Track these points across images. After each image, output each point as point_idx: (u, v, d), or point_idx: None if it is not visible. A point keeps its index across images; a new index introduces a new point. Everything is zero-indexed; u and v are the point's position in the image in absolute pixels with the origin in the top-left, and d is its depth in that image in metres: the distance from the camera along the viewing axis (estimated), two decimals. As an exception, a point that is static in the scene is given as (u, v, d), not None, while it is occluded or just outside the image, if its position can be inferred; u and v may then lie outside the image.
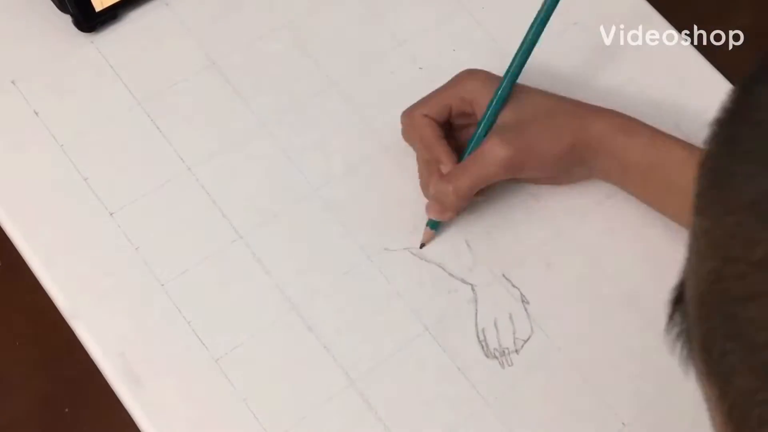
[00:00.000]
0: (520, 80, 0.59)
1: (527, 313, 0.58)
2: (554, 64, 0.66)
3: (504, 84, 0.58)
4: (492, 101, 0.57)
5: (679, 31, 0.68)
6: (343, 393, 0.55)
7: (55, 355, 0.57)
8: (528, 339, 0.57)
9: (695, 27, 0.70)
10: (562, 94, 0.65)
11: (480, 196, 0.59)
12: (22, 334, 0.58)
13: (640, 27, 0.68)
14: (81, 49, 0.63)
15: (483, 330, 0.58)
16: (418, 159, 0.59)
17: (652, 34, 0.68)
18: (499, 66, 0.65)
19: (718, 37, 0.70)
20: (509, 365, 0.57)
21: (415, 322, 0.57)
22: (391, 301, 0.58)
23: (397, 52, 0.65)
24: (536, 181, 0.60)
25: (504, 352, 0.57)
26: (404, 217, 0.60)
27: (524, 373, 0.56)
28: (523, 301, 0.58)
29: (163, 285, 0.57)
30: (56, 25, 0.63)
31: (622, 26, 0.68)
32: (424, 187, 0.59)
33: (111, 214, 0.59)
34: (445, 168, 0.57)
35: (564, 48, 0.66)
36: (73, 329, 0.56)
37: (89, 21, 0.63)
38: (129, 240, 0.58)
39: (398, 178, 0.61)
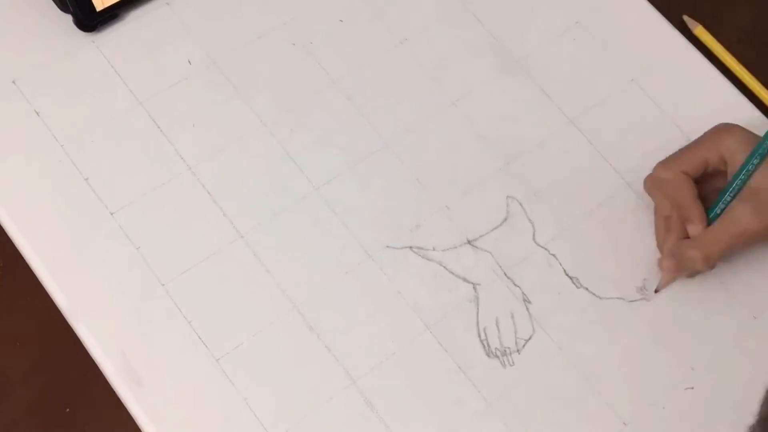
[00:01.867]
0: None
1: (529, 312, 0.58)
2: (554, 63, 0.66)
3: (763, 147, 0.56)
4: (748, 162, 0.57)
5: (680, 30, 0.68)
6: (344, 392, 0.55)
7: (55, 355, 0.57)
8: (529, 338, 0.57)
9: (696, 26, 0.70)
10: (561, 94, 0.65)
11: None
12: (22, 334, 0.58)
13: (641, 26, 0.68)
14: (82, 48, 0.63)
15: (484, 329, 0.58)
16: (656, 213, 0.59)
17: (653, 34, 0.68)
18: (499, 65, 0.65)
19: (718, 37, 0.70)
20: (510, 365, 0.57)
21: (417, 321, 0.57)
22: (392, 300, 0.58)
23: (398, 50, 0.65)
24: None
25: (505, 351, 0.57)
26: (405, 216, 0.60)
27: (525, 372, 0.57)
28: (524, 301, 0.58)
29: (163, 285, 0.57)
30: (57, 24, 0.63)
31: (622, 25, 0.68)
32: (661, 242, 0.59)
33: (111, 214, 0.59)
34: (694, 229, 0.57)
35: (564, 47, 0.67)
36: (73, 329, 0.56)
37: (90, 20, 0.63)
38: (129, 240, 0.58)
39: (399, 177, 0.61)
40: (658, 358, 0.58)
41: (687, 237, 0.58)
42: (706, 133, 0.59)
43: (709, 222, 0.58)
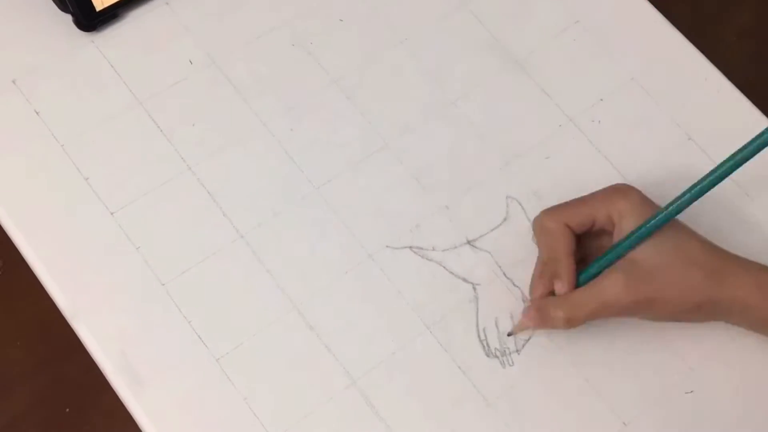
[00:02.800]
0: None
1: (528, 312, 0.58)
2: (554, 63, 0.66)
3: (654, 223, 0.53)
4: (633, 234, 0.54)
5: (680, 30, 0.68)
6: (344, 392, 0.55)
7: (55, 355, 0.57)
8: (529, 339, 0.57)
9: (696, 26, 0.70)
10: (561, 93, 0.65)
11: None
12: (22, 334, 0.58)
13: (641, 26, 0.68)
14: (82, 48, 0.63)
15: (484, 329, 0.58)
16: (538, 257, 0.57)
17: (653, 34, 0.68)
18: (499, 65, 0.65)
19: (718, 37, 0.70)
20: (510, 365, 0.57)
21: (417, 321, 0.57)
22: (392, 301, 0.58)
23: (398, 49, 0.65)
24: (648, 319, 0.57)
25: (505, 351, 0.57)
26: (405, 216, 0.60)
27: (525, 372, 0.57)
28: (524, 301, 0.58)
29: (163, 284, 0.57)
30: (57, 24, 0.63)
31: (622, 25, 0.68)
32: (532, 287, 0.57)
33: (112, 214, 0.59)
34: (560, 287, 0.55)
35: (564, 47, 0.67)
36: (73, 329, 0.56)
37: (90, 20, 0.63)
38: (130, 240, 0.58)
39: (399, 177, 0.61)
40: (658, 358, 0.58)
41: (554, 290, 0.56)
42: (601, 189, 0.57)
43: (581, 282, 0.55)
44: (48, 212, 0.58)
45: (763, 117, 0.65)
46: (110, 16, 0.64)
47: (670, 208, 0.53)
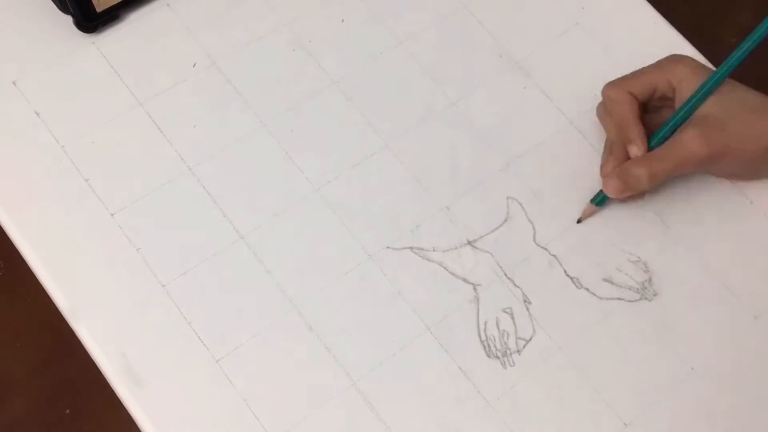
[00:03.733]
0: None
1: (529, 313, 0.58)
2: (554, 64, 0.66)
3: (717, 77, 0.57)
4: (699, 91, 0.57)
5: (680, 30, 0.68)
6: (344, 393, 0.55)
7: (55, 355, 0.57)
8: (530, 339, 0.57)
9: (696, 26, 0.70)
10: (561, 94, 0.65)
11: (642, 197, 0.60)
12: (22, 334, 0.58)
13: (641, 27, 0.68)
14: (82, 49, 0.63)
15: (485, 330, 0.58)
16: (606, 137, 0.60)
17: (653, 34, 0.68)
18: (499, 66, 0.65)
19: (718, 37, 0.70)
20: (511, 365, 0.57)
21: (417, 321, 0.57)
22: (392, 301, 0.58)
23: (398, 50, 0.65)
24: (720, 175, 0.60)
25: (505, 352, 0.57)
26: (405, 216, 0.60)
27: (526, 373, 0.57)
28: (525, 301, 0.58)
29: (164, 285, 0.57)
30: (57, 25, 0.63)
31: (622, 26, 0.68)
32: (603, 162, 0.59)
33: (112, 215, 0.59)
34: (635, 150, 0.58)
35: (564, 48, 0.67)
36: (73, 329, 0.56)
37: (90, 21, 0.63)
38: (130, 240, 0.58)
39: (399, 177, 0.61)
40: (658, 358, 0.58)
41: (628, 160, 0.59)
42: (657, 61, 0.60)
43: (653, 146, 0.58)
44: (48, 213, 0.59)
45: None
46: (111, 17, 0.64)
47: (726, 66, 0.56)
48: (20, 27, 0.64)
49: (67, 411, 0.56)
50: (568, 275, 0.59)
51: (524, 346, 0.57)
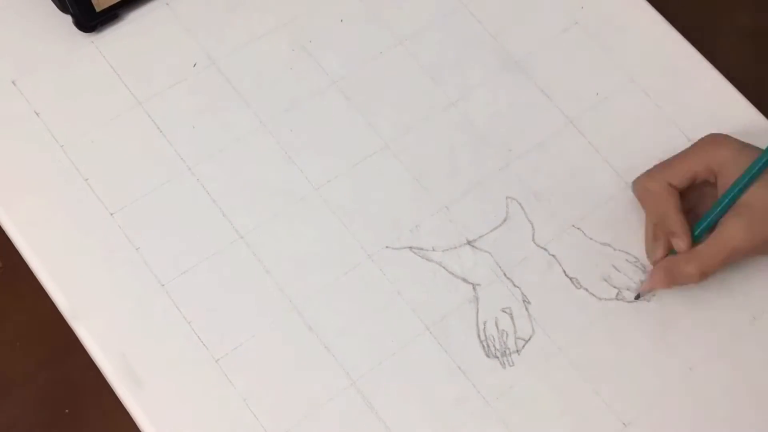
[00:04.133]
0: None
1: (528, 313, 0.58)
2: (554, 63, 0.66)
3: (761, 163, 0.55)
4: (743, 179, 0.55)
5: (680, 30, 0.68)
6: (343, 393, 0.55)
7: (55, 355, 0.57)
8: (529, 339, 0.57)
9: (696, 26, 0.70)
10: (561, 94, 0.65)
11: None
12: (22, 334, 0.58)
13: (640, 26, 0.68)
14: (81, 49, 0.63)
15: (484, 330, 0.58)
16: (647, 218, 0.59)
17: (653, 34, 0.68)
18: (498, 65, 0.65)
19: (718, 37, 0.70)
20: (510, 365, 0.57)
21: (416, 321, 0.57)
22: (392, 301, 0.58)
23: (397, 50, 0.65)
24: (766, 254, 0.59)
25: (505, 352, 0.57)
26: (405, 216, 0.60)
27: (525, 373, 0.57)
28: (524, 301, 0.58)
29: (163, 285, 0.57)
30: (57, 25, 0.63)
31: (622, 25, 0.68)
32: (650, 249, 0.58)
33: (111, 215, 0.59)
34: (679, 243, 0.56)
35: (564, 48, 0.67)
36: (73, 329, 0.56)
37: (90, 21, 0.63)
38: (129, 240, 0.58)
39: (399, 177, 0.61)
40: (658, 359, 0.58)
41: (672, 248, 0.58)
42: (697, 143, 0.59)
43: (697, 236, 0.57)
44: (48, 212, 0.59)
45: (763, 117, 0.65)
46: (110, 16, 0.64)
47: None
48: (20, 26, 0.64)
49: (67, 410, 0.56)
50: (567, 275, 0.59)
51: (523, 346, 0.57)
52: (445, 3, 0.67)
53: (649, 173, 0.59)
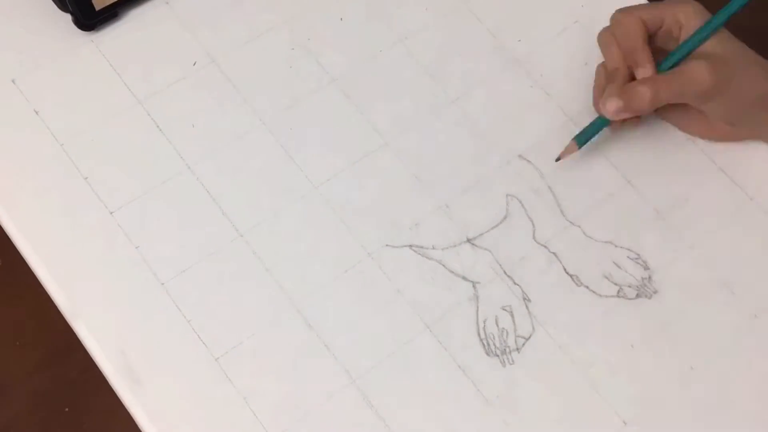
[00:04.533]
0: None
1: (528, 311, 0.58)
2: (554, 62, 0.66)
3: (723, 16, 0.58)
4: (705, 27, 0.58)
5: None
6: (343, 391, 0.55)
7: (55, 355, 0.57)
8: (529, 337, 0.57)
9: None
10: (561, 93, 0.65)
11: (634, 125, 0.62)
12: (22, 334, 0.58)
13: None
14: (81, 47, 0.63)
15: (484, 328, 0.57)
16: (601, 66, 0.61)
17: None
18: (498, 64, 0.65)
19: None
20: (510, 363, 0.57)
21: (416, 319, 0.57)
22: (391, 299, 0.58)
23: (398, 49, 0.65)
24: (714, 115, 0.61)
25: (505, 350, 0.57)
26: (405, 214, 0.60)
27: (525, 371, 0.56)
28: (524, 299, 0.58)
29: (163, 284, 0.57)
30: (56, 23, 0.63)
31: (622, 24, 0.68)
32: (599, 88, 0.61)
33: (111, 213, 0.59)
34: (644, 72, 0.59)
35: (564, 47, 0.67)
36: (73, 329, 0.56)
37: (89, 20, 0.63)
38: (129, 239, 0.58)
39: (398, 175, 0.61)
40: (658, 357, 0.58)
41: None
42: (665, 1, 0.61)
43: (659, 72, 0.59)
44: (48, 212, 0.58)
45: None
46: (110, 15, 0.64)
47: (730, 6, 0.58)
48: (19, 25, 0.64)
49: (66, 410, 0.56)
50: (567, 273, 0.59)
51: (523, 344, 0.57)
52: (445, 1, 0.67)
53: (623, 9, 0.61)
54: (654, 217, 0.61)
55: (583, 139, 0.61)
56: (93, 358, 0.55)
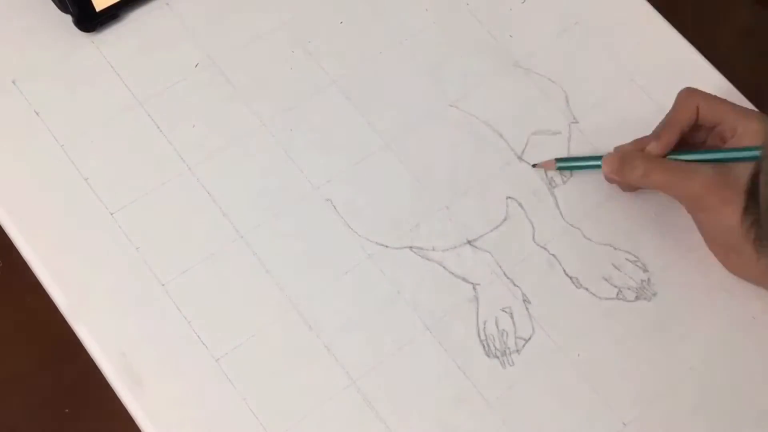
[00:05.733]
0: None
1: (528, 312, 0.58)
2: (554, 63, 0.66)
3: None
4: (749, 152, 0.55)
5: (679, 29, 0.68)
6: (343, 392, 0.55)
7: (55, 355, 0.57)
8: (529, 339, 0.57)
9: (696, 26, 0.70)
10: (560, 94, 0.65)
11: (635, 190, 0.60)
12: (22, 334, 0.58)
13: (640, 26, 0.68)
14: (81, 48, 0.63)
15: (484, 329, 0.58)
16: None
17: (653, 34, 0.68)
18: (498, 65, 0.65)
19: (718, 37, 0.70)
20: (510, 365, 0.57)
21: (416, 321, 0.57)
22: (391, 300, 0.58)
23: (398, 50, 0.65)
24: (701, 228, 0.59)
25: (505, 351, 0.57)
26: (405, 216, 0.60)
27: (525, 372, 0.56)
28: (524, 301, 0.58)
29: (163, 285, 0.57)
30: (57, 24, 0.63)
31: (622, 25, 0.68)
32: (628, 144, 0.59)
33: (111, 214, 0.59)
34: (653, 146, 0.57)
35: (564, 48, 0.67)
36: (73, 329, 0.56)
37: (90, 21, 0.63)
38: (129, 240, 0.58)
39: (399, 177, 0.61)
40: (658, 358, 0.58)
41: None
42: (743, 107, 0.59)
43: (671, 157, 0.58)
44: (48, 212, 0.59)
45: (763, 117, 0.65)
46: (110, 16, 0.64)
47: None
48: (20, 26, 0.64)
49: (67, 410, 0.56)
50: (567, 275, 0.59)
51: (523, 346, 0.57)
52: (445, 3, 0.67)
53: (693, 89, 0.59)
54: (653, 219, 0.61)
55: (565, 165, 0.61)
56: (93, 359, 0.55)
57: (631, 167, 0.57)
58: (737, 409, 0.57)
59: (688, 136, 0.59)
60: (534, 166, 0.61)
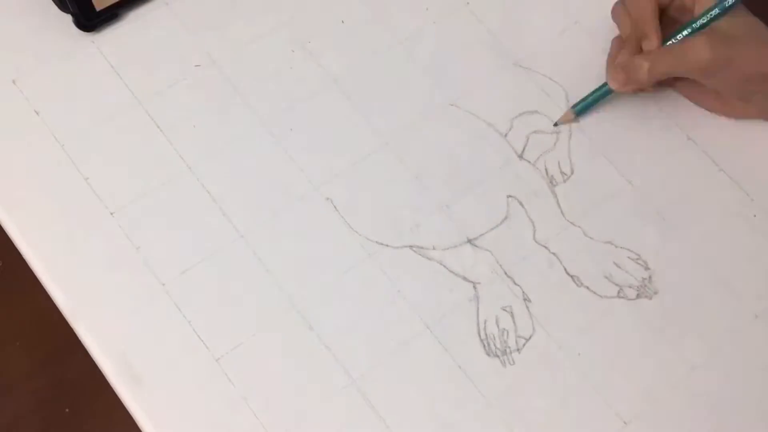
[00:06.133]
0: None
1: (529, 311, 0.58)
2: (554, 63, 0.66)
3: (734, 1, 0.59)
4: (717, 5, 0.59)
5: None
6: (343, 392, 0.55)
7: (55, 355, 0.57)
8: (529, 338, 0.57)
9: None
10: (561, 94, 0.65)
11: (650, 90, 0.63)
12: (22, 334, 0.58)
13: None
14: (81, 48, 0.63)
15: (484, 328, 0.58)
16: (615, 38, 0.63)
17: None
18: (498, 65, 0.65)
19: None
20: (510, 364, 0.57)
21: (416, 320, 0.57)
22: (392, 300, 0.58)
23: (398, 49, 0.65)
24: (715, 88, 0.61)
25: (505, 350, 0.57)
26: (405, 215, 0.60)
27: (525, 371, 0.56)
28: (524, 300, 0.58)
29: (163, 284, 0.57)
30: (57, 24, 0.63)
31: (622, 25, 0.68)
32: (612, 59, 0.62)
33: (111, 214, 0.59)
34: (649, 45, 0.60)
35: (564, 47, 0.67)
36: (73, 329, 0.56)
37: (90, 20, 0.63)
38: (129, 240, 0.58)
39: (399, 176, 0.61)
40: (658, 358, 0.58)
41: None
42: None
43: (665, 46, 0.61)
44: (48, 212, 0.58)
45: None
46: (110, 16, 0.64)
47: None
48: (20, 26, 0.64)
49: (67, 410, 0.56)
50: (568, 273, 0.59)
51: (524, 345, 0.57)
52: (445, 2, 0.67)
53: None
54: (654, 217, 0.61)
55: (581, 107, 0.63)
56: (93, 359, 0.55)
57: (635, 69, 0.59)
58: (737, 409, 0.57)
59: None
60: (555, 124, 0.63)
